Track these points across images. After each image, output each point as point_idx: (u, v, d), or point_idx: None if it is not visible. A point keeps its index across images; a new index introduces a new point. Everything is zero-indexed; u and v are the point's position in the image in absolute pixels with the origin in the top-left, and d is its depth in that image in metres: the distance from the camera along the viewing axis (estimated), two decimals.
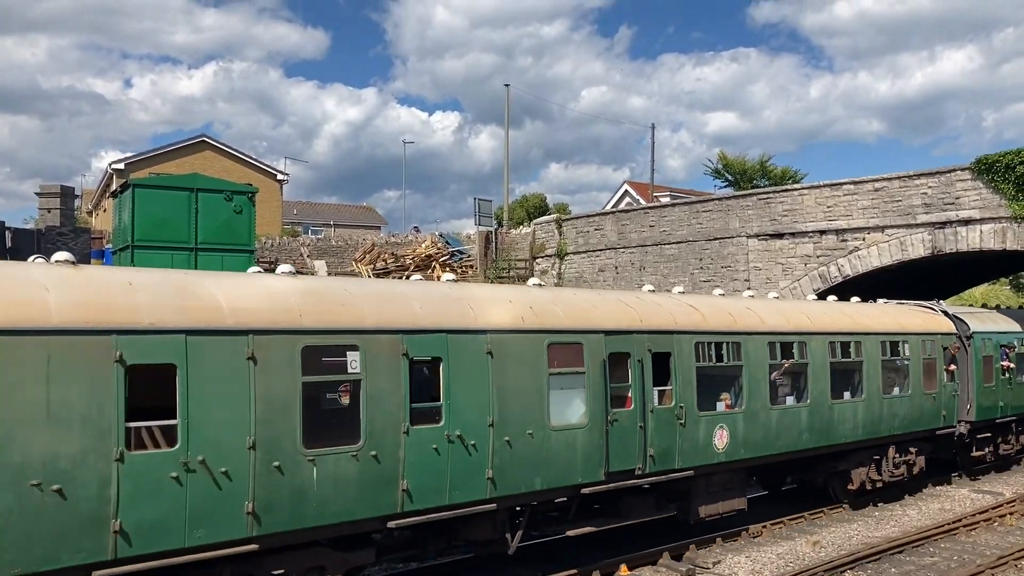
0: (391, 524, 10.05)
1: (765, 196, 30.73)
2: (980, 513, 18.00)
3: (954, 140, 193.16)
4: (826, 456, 17.17)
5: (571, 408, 12.01)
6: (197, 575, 8.66)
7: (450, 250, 41.44)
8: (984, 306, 31.80)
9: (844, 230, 27.96)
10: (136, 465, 8.11)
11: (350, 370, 9.75)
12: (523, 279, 38.46)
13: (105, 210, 48.22)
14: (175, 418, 8.42)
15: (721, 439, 14.19)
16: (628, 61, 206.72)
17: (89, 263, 28.13)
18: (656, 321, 13.40)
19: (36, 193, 41.02)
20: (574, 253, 37.38)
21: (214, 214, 22.25)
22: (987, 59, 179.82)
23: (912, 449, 18.98)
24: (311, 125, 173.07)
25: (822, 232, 28.57)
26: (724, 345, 14.44)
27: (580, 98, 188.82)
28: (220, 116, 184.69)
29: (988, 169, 24.59)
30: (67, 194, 40.10)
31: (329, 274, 36.12)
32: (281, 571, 9.42)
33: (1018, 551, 14.85)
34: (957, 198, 25.47)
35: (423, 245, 41.63)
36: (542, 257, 39.03)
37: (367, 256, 39.25)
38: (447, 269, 38.90)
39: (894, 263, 26.75)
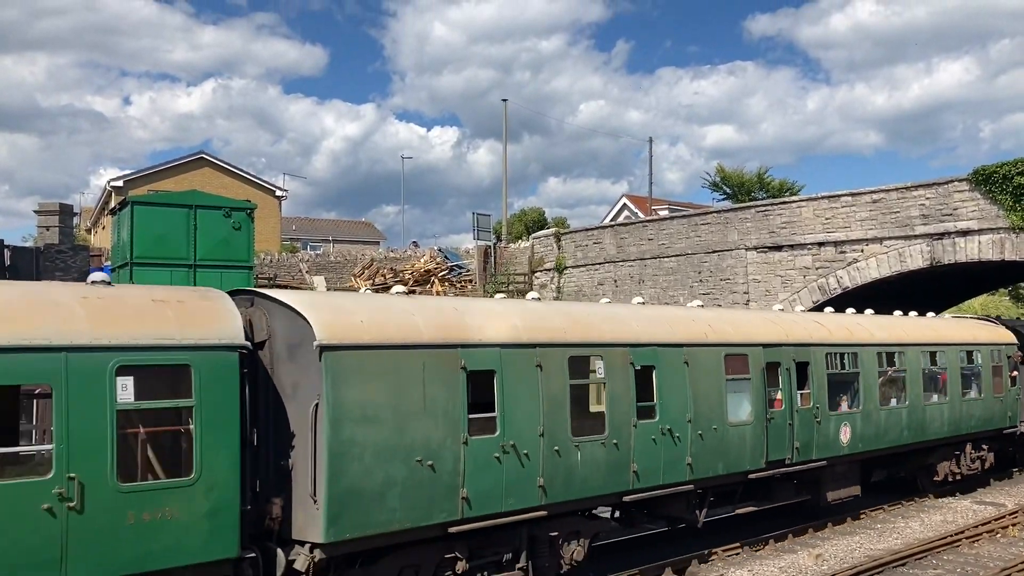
0: (626, 499, 12.80)
1: (763, 209, 30.78)
2: (982, 524, 17.94)
3: (951, 151, 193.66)
4: (918, 451, 19.64)
5: (741, 408, 14.71)
6: (504, 535, 11.26)
7: (449, 265, 41.46)
8: (985, 317, 31.81)
9: (842, 242, 27.99)
10: (475, 447, 10.64)
11: (598, 376, 12.50)
12: (522, 293, 38.43)
13: (104, 227, 48.25)
14: (494, 411, 10.90)
15: (845, 435, 16.89)
16: (626, 75, 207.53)
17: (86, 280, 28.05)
18: (797, 335, 16.21)
19: (35, 211, 41.11)
20: (573, 267, 37.39)
21: (213, 231, 22.30)
22: (984, 70, 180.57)
23: (984, 446, 21.44)
24: (310, 141, 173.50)
25: (820, 244, 28.60)
26: (845, 355, 17.26)
27: (578, 112, 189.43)
28: (219, 133, 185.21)
29: (986, 180, 24.64)
30: (66, 212, 40.16)
31: (328, 289, 36.13)
32: (556, 533, 11.87)
33: (1021, 562, 14.79)
34: (955, 209, 25.50)
35: (422, 260, 41.64)
36: (541, 271, 39.05)
37: (366, 271, 39.25)
38: (446, 284, 38.90)
39: (893, 274, 26.76)
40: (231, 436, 8.84)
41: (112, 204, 35.70)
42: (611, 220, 58.53)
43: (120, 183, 47.85)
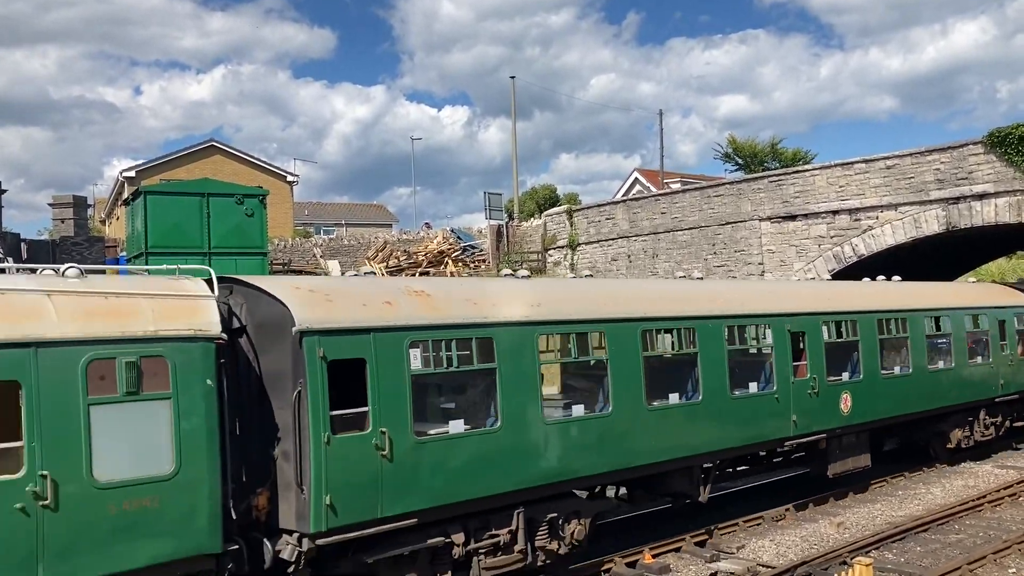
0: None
1: (776, 179, 30.57)
2: (1004, 488, 17.88)
3: (968, 114, 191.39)
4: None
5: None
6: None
7: (462, 245, 41.46)
8: (1001, 281, 31.56)
9: (857, 209, 27.78)
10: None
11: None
12: (536, 271, 38.41)
13: (118, 218, 48.51)
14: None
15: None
16: (636, 47, 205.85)
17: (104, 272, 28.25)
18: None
19: (49, 204, 41.28)
20: (586, 243, 37.29)
21: (226, 218, 22.39)
22: (1001, 30, 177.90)
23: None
24: (320, 125, 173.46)
25: (835, 212, 28.40)
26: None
27: (589, 87, 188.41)
28: (230, 120, 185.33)
29: (1001, 142, 24.35)
30: (80, 204, 40.34)
31: (343, 273, 36.24)
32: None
33: None
34: (970, 173, 25.24)
35: (435, 241, 41.64)
36: (554, 248, 38.98)
37: (379, 254, 39.31)
38: (459, 264, 38.92)
39: (908, 240, 26.55)
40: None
41: (125, 195, 35.85)
42: (623, 195, 58.31)
43: (133, 173, 48.02)
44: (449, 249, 40.04)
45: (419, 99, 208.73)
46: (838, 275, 27.07)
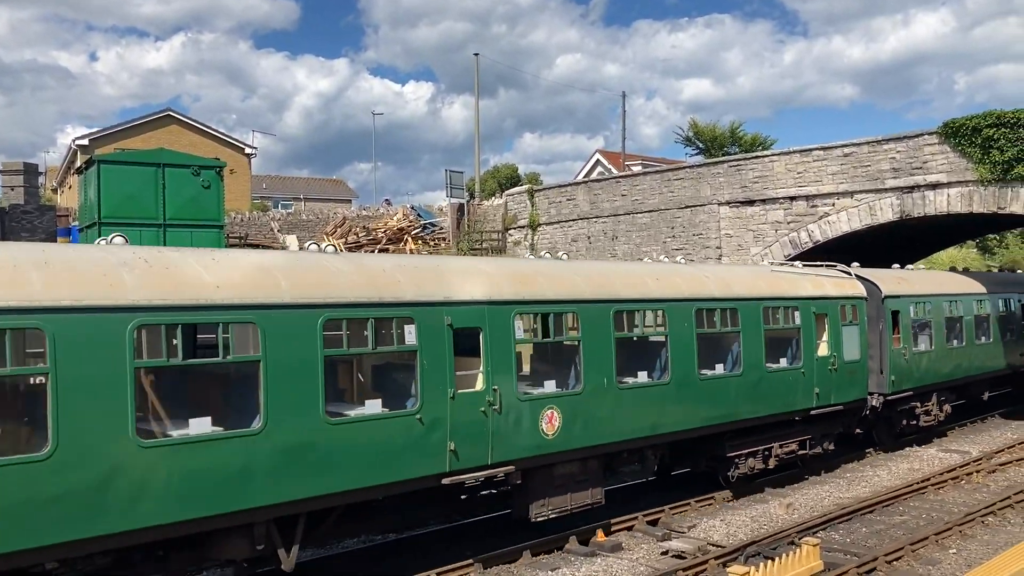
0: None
1: (736, 163, 30.82)
2: (948, 472, 18.36)
3: (926, 104, 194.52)
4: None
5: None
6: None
7: (422, 223, 41.25)
8: (952, 269, 32.22)
9: (814, 196, 28.13)
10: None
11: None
12: (496, 251, 38.37)
13: (71, 187, 47.42)
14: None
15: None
16: (602, 28, 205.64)
17: (56, 241, 27.67)
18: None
19: None
20: (546, 224, 37.34)
21: (182, 190, 22.01)
22: (960, 22, 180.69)
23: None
24: (281, 97, 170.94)
25: (792, 198, 28.73)
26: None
27: (555, 66, 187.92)
28: (188, 89, 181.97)
29: (955, 133, 24.77)
30: (31, 171, 39.32)
31: (301, 248, 35.92)
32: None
33: (985, 508, 15.18)
34: (925, 162, 25.66)
35: (395, 218, 41.38)
36: (515, 228, 38.97)
37: (338, 230, 38.97)
38: (419, 242, 38.75)
39: (863, 228, 26.96)
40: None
41: (78, 163, 35.05)
42: (584, 176, 58.41)
43: (86, 142, 46.93)
44: (409, 226, 39.82)
45: (383, 74, 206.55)
46: (795, 260, 27.42)
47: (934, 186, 25.38)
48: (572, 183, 39.20)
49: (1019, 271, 38.82)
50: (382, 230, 38.75)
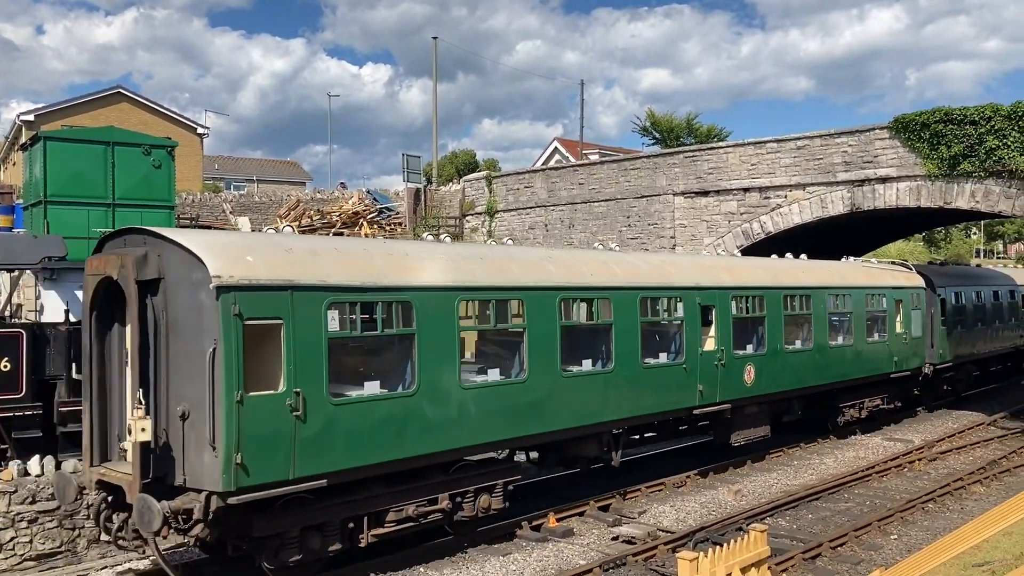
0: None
1: (691, 154, 31.05)
2: (891, 460, 18.80)
3: (879, 99, 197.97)
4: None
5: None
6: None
7: (378, 207, 40.91)
8: (893, 262, 32.90)
9: (767, 188, 28.47)
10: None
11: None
12: (454, 237, 38.23)
13: (15, 164, 46.21)
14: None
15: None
16: (563, 15, 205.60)
17: None
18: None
19: None
20: (504, 211, 37.30)
21: (132, 169, 21.52)
22: (913, 19, 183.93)
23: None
24: (236, 77, 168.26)
25: (746, 190, 29.04)
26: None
27: (515, 52, 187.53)
28: (140, 66, 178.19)
29: (905, 128, 25.22)
30: None
31: (253, 231, 35.41)
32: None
33: (926, 495, 15.58)
34: (876, 156, 26.10)
35: (350, 202, 40.99)
36: (472, 214, 38.87)
37: (292, 213, 38.51)
38: (375, 227, 38.47)
39: (814, 220, 27.36)
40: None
41: (23, 139, 34.16)
42: (542, 164, 58.47)
43: (32, 117, 45.73)
44: (364, 210, 39.48)
45: (340, 55, 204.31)
46: (746, 251, 27.75)
47: (884, 180, 25.84)
48: (530, 170, 39.19)
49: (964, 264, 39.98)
50: (337, 214, 38.37)
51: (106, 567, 12.19)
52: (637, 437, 16.74)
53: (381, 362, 12.07)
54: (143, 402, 9.43)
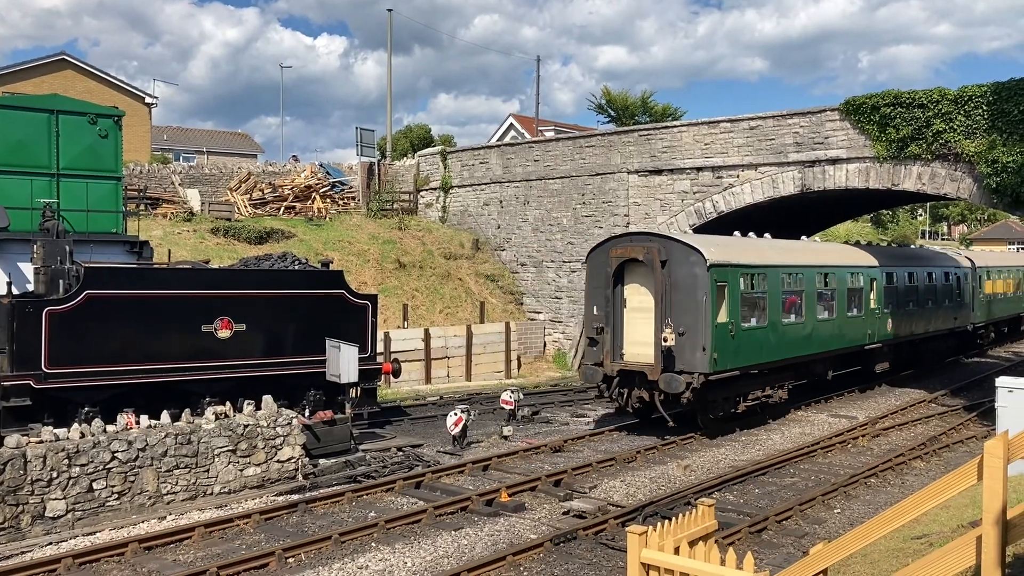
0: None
1: (646, 133, 31.20)
2: (836, 436, 19.24)
3: (832, 80, 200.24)
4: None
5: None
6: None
7: (331, 181, 40.44)
8: (847, 242, 33.52)
9: (720, 167, 28.76)
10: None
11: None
12: (408, 212, 38.02)
13: None
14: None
15: None
16: None
17: None
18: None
19: None
20: (459, 186, 37.17)
21: (77, 138, 20.97)
22: (867, 1, 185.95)
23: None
24: (186, 46, 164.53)
25: (699, 169, 29.30)
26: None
27: (472, 26, 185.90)
28: (86, 32, 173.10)
29: (855, 110, 25.63)
30: None
31: (203, 203, 34.83)
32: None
33: (868, 470, 15.99)
34: (826, 138, 26.49)
35: (302, 175, 40.43)
36: (426, 190, 38.66)
37: (243, 185, 37.90)
38: (327, 201, 38.06)
39: (766, 200, 27.74)
40: None
41: None
42: (498, 140, 58.24)
43: None
44: (317, 184, 39.00)
45: (294, 25, 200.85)
46: (698, 230, 28.05)
47: (834, 161, 26.26)
48: (485, 146, 39.03)
49: (911, 245, 40.94)
50: (288, 187, 37.85)
51: (51, 543, 12.01)
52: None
53: (756, 308, 20.21)
54: (669, 324, 18.15)
